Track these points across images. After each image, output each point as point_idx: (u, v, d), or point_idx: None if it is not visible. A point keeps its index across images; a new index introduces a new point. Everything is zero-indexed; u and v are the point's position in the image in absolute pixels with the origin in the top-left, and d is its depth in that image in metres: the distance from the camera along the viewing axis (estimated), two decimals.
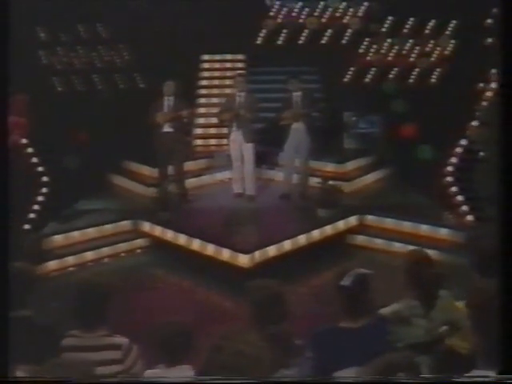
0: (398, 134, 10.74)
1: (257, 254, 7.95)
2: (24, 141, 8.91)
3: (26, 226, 8.83)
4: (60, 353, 3.94)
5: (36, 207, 9.01)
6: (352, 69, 12.01)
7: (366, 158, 10.82)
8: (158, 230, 8.89)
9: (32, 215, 8.96)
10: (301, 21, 12.44)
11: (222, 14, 12.41)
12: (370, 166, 10.74)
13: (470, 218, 9.11)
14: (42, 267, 8.03)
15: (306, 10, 12.44)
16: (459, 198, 9.39)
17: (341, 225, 9.07)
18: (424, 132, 10.31)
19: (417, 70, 11.66)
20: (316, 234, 8.71)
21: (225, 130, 10.00)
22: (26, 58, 9.78)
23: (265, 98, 10.51)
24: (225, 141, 10.17)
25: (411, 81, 11.65)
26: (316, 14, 12.42)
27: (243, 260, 7.85)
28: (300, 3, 12.48)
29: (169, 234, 8.73)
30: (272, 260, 8.08)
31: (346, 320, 4.11)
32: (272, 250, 8.14)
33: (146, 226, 9.02)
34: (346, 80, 12.02)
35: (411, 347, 4.46)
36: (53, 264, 8.29)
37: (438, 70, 11.50)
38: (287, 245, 8.32)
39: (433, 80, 11.48)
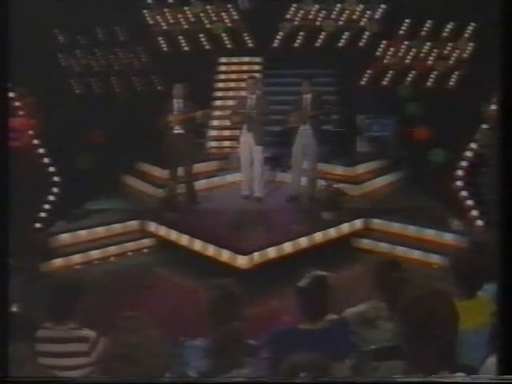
0: (411, 138, 10.68)
1: (256, 255, 8.01)
2: (36, 141, 9.11)
3: (37, 225, 9.07)
4: (34, 343, 4.13)
5: (47, 206, 9.21)
6: (369, 72, 11.97)
7: (378, 162, 10.78)
8: (163, 231, 9.02)
9: (43, 214, 9.18)
10: (318, 23, 12.43)
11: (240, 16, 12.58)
12: (380, 170, 10.69)
13: (479, 223, 9.01)
14: (47, 264, 8.26)
15: (323, 12, 12.44)
16: (469, 202, 9.30)
17: (346, 228, 9.07)
18: (438, 136, 10.22)
19: (434, 73, 11.57)
20: (319, 236, 8.73)
21: (238, 132, 10.07)
22: (44, 60, 10.04)
23: (281, 100, 10.58)
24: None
25: (429, 84, 11.56)
26: (333, 16, 12.41)
27: (242, 261, 7.91)
28: (317, 6, 12.47)
29: (173, 235, 8.85)
30: (271, 262, 8.12)
31: (305, 322, 4.15)
32: (272, 252, 8.19)
33: (152, 227, 9.16)
34: (362, 83, 11.98)
35: (376, 350, 4.47)
36: (58, 262, 8.47)
37: (455, 73, 11.39)
38: (288, 247, 8.35)
39: (450, 83, 11.37)
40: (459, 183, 9.46)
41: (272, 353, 4.00)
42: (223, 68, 12.47)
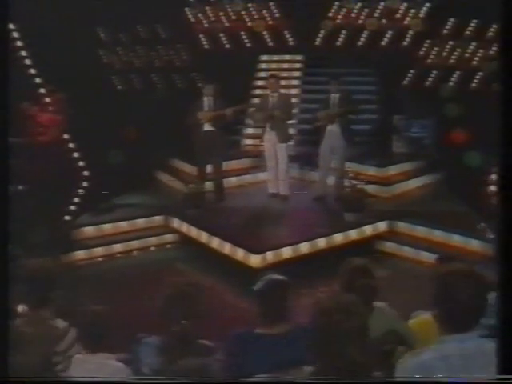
0: (449, 140, 10.40)
1: (269, 255, 7.98)
2: (66, 136, 9.33)
3: (66, 217, 9.33)
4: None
5: (76, 200, 9.45)
6: (412, 71, 11.72)
7: (411, 163, 10.54)
8: (185, 227, 9.11)
9: (72, 207, 9.42)
10: (360, 22, 12.26)
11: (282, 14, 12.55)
12: (413, 171, 10.46)
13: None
14: (69, 256, 8.49)
15: (366, 11, 12.25)
16: None
17: (369, 230, 8.93)
18: (476, 138, 9.91)
19: (478, 74, 11.21)
20: (339, 237, 8.62)
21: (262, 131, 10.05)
22: (86, 58, 10.27)
23: (321, 99, 10.48)
24: None
25: (472, 85, 11.21)
26: (376, 15, 12.20)
27: (254, 260, 7.90)
28: (359, 4, 12.29)
29: (193, 231, 8.93)
30: (287, 262, 8.06)
31: (262, 326, 4.12)
32: (287, 252, 8.14)
33: (175, 223, 9.27)
34: (405, 83, 11.75)
35: None
36: (81, 254, 8.69)
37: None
38: (305, 247, 8.29)
39: (495, 85, 10.98)
40: (493, 188, 9.16)
41: (225, 355, 4.00)
42: (264, 66, 12.47)
